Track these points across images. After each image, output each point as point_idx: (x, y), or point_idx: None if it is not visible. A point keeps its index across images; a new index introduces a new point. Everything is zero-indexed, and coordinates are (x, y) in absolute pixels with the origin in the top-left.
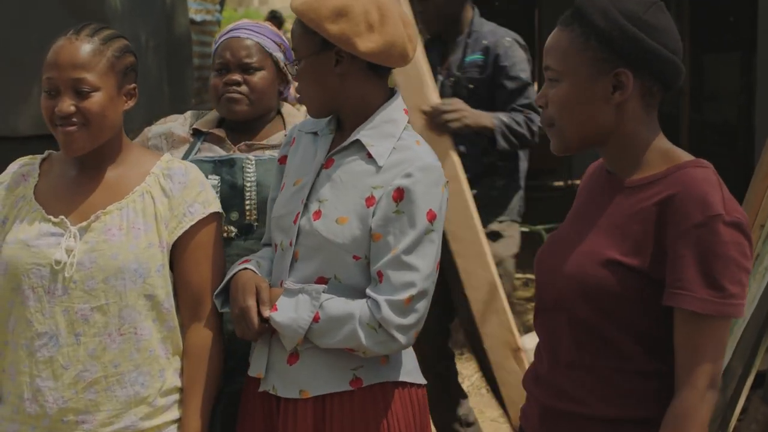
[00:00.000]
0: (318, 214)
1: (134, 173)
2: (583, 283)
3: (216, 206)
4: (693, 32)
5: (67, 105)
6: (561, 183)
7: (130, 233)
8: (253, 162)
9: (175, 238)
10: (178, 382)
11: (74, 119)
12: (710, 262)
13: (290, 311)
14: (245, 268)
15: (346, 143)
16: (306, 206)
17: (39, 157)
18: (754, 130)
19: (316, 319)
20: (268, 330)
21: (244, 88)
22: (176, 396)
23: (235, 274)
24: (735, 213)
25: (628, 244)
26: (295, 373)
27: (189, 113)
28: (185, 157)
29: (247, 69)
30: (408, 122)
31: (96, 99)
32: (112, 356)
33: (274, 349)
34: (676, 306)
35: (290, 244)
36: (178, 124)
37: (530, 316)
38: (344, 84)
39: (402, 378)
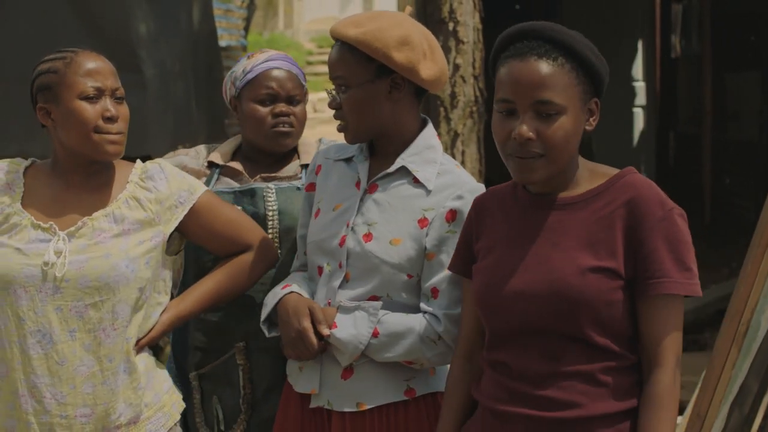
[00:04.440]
0: (369, 236)
1: (115, 182)
2: (569, 295)
3: (201, 187)
4: (715, 52)
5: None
6: None
7: (120, 235)
8: (274, 191)
9: (172, 228)
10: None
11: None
12: (677, 248)
13: (350, 328)
14: (291, 292)
15: (391, 170)
16: (353, 229)
17: (22, 165)
18: None
19: (375, 335)
20: (324, 349)
21: (293, 119)
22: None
23: (280, 299)
24: (678, 206)
25: (602, 249)
26: (351, 387)
27: (201, 147)
28: None
29: (292, 101)
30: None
31: None
32: (107, 350)
33: (326, 365)
34: (662, 293)
35: (339, 266)
36: (190, 157)
37: None
38: (394, 110)
39: None
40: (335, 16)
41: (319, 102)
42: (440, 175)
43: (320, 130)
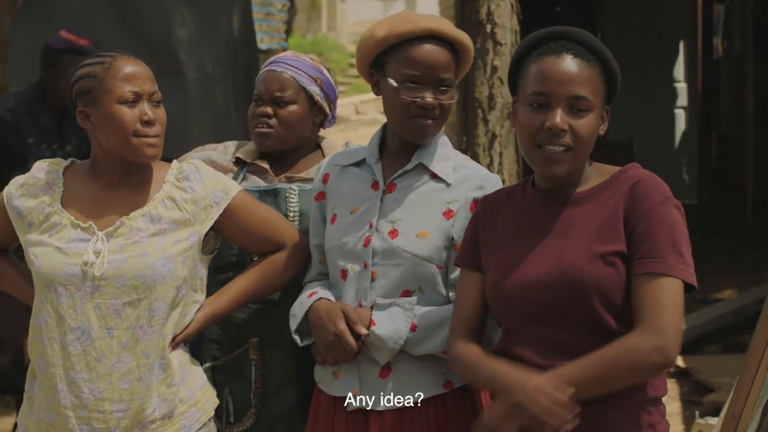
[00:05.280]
0: (394, 233)
1: (152, 183)
2: (582, 281)
3: (236, 187)
4: (757, 52)
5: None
6: None
7: (156, 235)
8: (296, 192)
9: (208, 227)
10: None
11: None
12: (672, 233)
13: (388, 324)
14: (320, 298)
15: (409, 167)
16: (377, 229)
17: (62, 165)
18: None
19: (412, 329)
20: (361, 350)
21: (273, 121)
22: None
23: (309, 307)
24: (676, 199)
25: (609, 235)
26: (390, 384)
27: (230, 143)
28: None
29: (278, 102)
30: None
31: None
32: (144, 347)
33: (363, 366)
34: (653, 271)
35: (365, 267)
36: (218, 152)
37: None
38: None
39: None
40: (378, 19)
41: (361, 104)
42: (456, 170)
43: (362, 132)
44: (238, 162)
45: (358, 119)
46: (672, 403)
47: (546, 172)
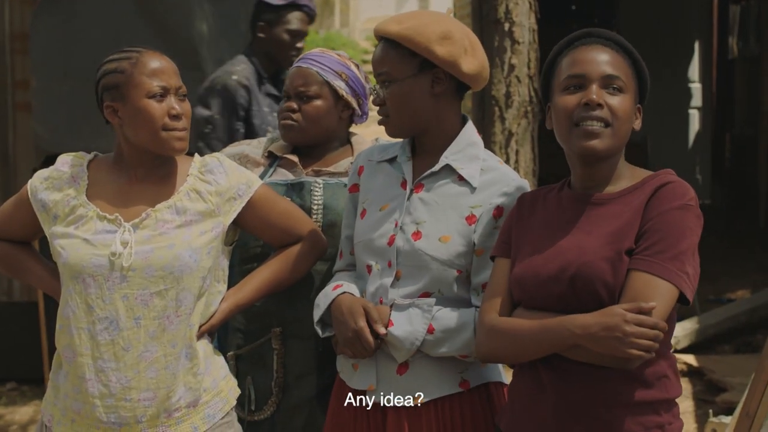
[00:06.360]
0: (418, 234)
1: (176, 176)
2: (599, 278)
3: (258, 181)
4: None
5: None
6: None
7: (182, 226)
8: (321, 185)
9: (231, 219)
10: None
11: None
12: (679, 238)
13: (405, 325)
14: (344, 292)
15: (436, 168)
16: (401, 228)
17: (86, 159)
18: None
19: (430, 331)
20: (378, 346)
21: (297, 116)
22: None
23: (333, 300)
24: (700, 210)
25: (626, 233)
26: (407, 381)
27: (264, 138)
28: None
29: (302, 97)
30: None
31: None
32: (171, 336)
33: (382, 362)
34: (646, 270)
35: (389, 265)
36: (252, 146)
37: None
38: (436, 105)
39: (499, 378)
40: (391, 15)
41: None
42: (484, 172)
43: (378, 128)
44: (270, 156)
45: (373, 115)
46: (685, 402)
47: (584, 147)
